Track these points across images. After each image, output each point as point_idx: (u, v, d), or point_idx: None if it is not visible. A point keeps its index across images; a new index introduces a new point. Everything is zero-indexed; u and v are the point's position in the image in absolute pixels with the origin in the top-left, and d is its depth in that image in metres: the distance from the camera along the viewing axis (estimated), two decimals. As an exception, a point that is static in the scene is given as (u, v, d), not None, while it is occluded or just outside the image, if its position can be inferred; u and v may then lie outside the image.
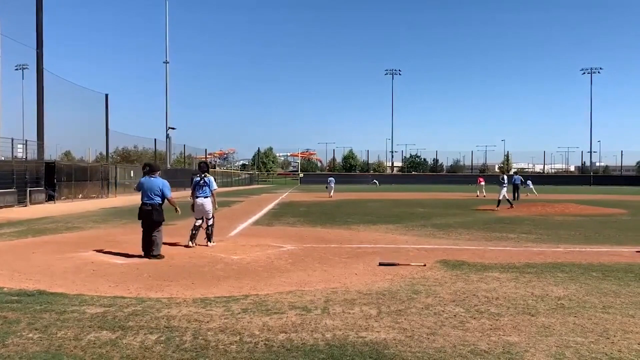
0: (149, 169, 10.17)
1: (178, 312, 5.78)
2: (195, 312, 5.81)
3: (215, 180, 11.73)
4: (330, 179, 38.58)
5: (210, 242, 11.26)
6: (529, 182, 43.66)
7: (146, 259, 9.42)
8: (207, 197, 11.20)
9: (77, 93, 36.75)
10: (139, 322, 5.39)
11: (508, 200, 24.85)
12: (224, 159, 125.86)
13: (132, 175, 43.00)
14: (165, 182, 10.00)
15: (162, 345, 4.65)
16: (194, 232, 11.17)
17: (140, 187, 9.88)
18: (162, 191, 9.77)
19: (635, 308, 6.04)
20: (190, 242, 11.05)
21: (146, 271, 8.32)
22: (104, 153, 41.11)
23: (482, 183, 39.49)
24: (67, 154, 50.13)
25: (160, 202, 9.81)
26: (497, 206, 23.96)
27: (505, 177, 25.88)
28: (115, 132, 41.93)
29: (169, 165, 51.72)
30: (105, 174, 36.60)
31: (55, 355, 4.37)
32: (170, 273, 8.17)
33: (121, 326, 5.22)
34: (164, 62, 51.77)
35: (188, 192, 9.98)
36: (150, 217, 9.63)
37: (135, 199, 11.65)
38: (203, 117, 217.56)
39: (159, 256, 9.50)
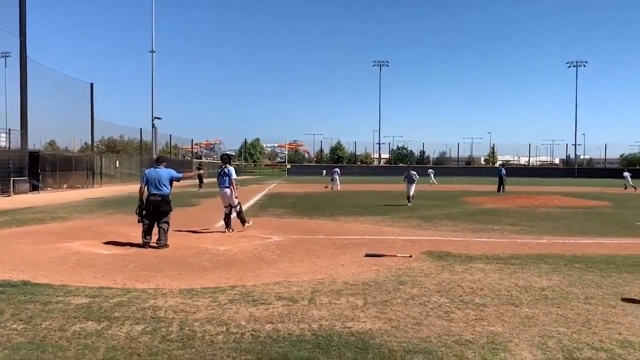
0: (156, 160, 10.66)
1: (164, 303, 5.77)
2: (181, 302, 5.80)
3: (235, 170, 12.51)
4: (334, 169, 36.83)
5: (229, 229, 11.86)
6: (430, 171, 44.68)
7: (134, 249, 9.40)
8: (227, 187, 11.90)
9: (62, 82, 36.29)
10: (125, 312, 5.37)
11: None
12: (211, 149, 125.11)
13: (117, 165, 42.67)
14: (171, 169, 10.34)
15: (148, 336, 4.64)
16: (226, 220, 11.97)
17: (146, 178, 9.97)
18: (172, 178, 10.09)
19: (616, 299, 6.15)
20: (227, 229, 11.83)
21: (132, 262, 8.29)
22: (89, 143, 40.69)
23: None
24: (52, 143, 49.62)
25: (169, 192, 10.00)
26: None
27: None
28: (101, 122, 41.55)
29: (154, 155, 51.33)
30: (90, 163, 36.26)
31: (40, 346, 4.35)
32: (156, 264, 8.14)
33: (107, 317, 5.21)
34: (150, 52, 51.17)
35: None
36: (159, 208, 9.77)
37: (121, 189, 11.56)
38: (190, 107, 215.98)
39: (165, 245, 9.60)
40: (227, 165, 12.00)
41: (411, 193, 21.09)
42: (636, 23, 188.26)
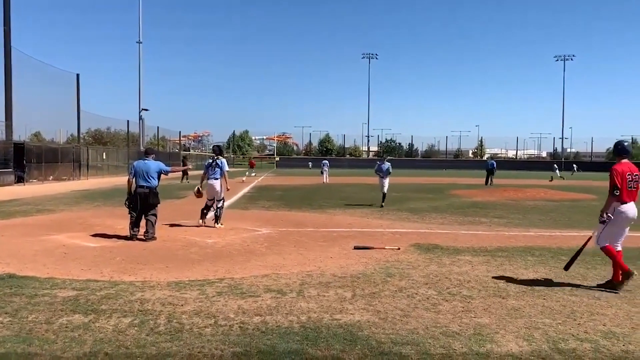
0: (144, 152, 10.49)
1: (152, 296, 5.75)
2: (169, 295, 5.78)
3: (227, 162, 12.19)
4: (324, 162, 36.70)
5: (218, 223, 11.51)
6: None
7: (121, 242, 9.35)
8: (217, 178, 11.57)
9: (47, 72, 35.82)
10: (112, 305, 5.35)
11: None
12: (199, 141, 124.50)
13: (104, 157, 42.30)
14: (160, 162, 10.22)
15: (135, 328, 4.62)
16: (205, 210, 11.71)
17: (134, 171, 9.90)
18: (160, 171, 9.98)
19: (601, 291, 6.23)
20: (200, 220, 11.59)
21: (119, 254, 8.24)
22: (76, 134, 40.25)
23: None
24: (37, 134, 48.96)
25: (157, 184, 9.93)
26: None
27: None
28: (87, 113, 41.10)
29: (142, 148, 50.95)
30: (76, 155, 35.92)
31: (26, 339, 4.32)
32: (144, 256, 8.10)
33: (94, 309, 5.18)
34: (137, 42, 50.70)
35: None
36: (147, 200, 9.73)
37: (108, 181, 11.48)
38: (178, 99, 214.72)
39: (153, 238, 9.56)
40: (220, 157, 11.75)
41: (385, 189, 17.78)
42: (624, 18, 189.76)
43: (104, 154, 43.06)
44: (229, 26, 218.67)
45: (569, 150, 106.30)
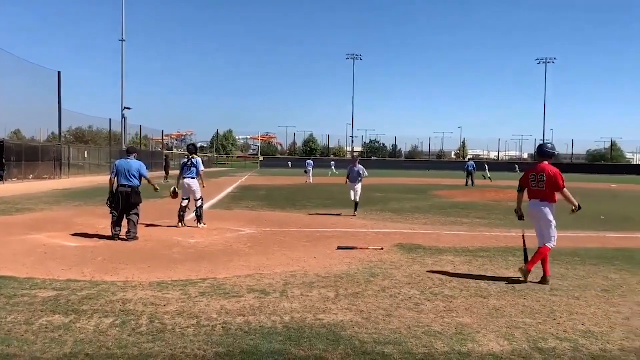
0: (126, 151, 10.39)
1: (134, 296, 5.70)
2: (151, 295, 5.74)
3: (202, 161, 12.05)
4: (307, 161, 36.56)
5: (200, 223, 11.43)
6: (332, 163, 45.34)
7: (103, 241, 9.26)
8: (193, 177, 11.47)
9: (27, 70, 35.24)
10: (93, 305, 5.30)
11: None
12: (182, 140, 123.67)
13: (85, 155, 41.79)
14: (142, 163, 10.09)
15: (117, 328, 4.59)
16: (181, 213, 11.50)
17: (116, 170, 9.82)
18: (140, 172, 9.83)
19: (580, 290, 6.33)
20: (179, 223, 11.37)
21: (101, 254, 8.16)
22: (57, 132, 39.68)
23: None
24: (17, 132, 48.19)
25: (139, 183, 9.83)
26: None
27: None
28: (69, 111, 40.55)
29: (124, 146, 50.47)
30: (57, 154, 35.40)
31: (5, 339, 4.26)
32: (125, 256, 8.03)
33: (74, 310, 5.12)
34: (119, 40, 50.09)
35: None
36: (129, 199, 9.63)
37: (90, 180, 11.36)
38: (161, 98, 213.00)
39: (135, 237, 9.48)
40: (194, 156, 11.66)
41: (357, 197, 14.86)
42: (604, 22, 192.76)
43: (86, 152, 42.53)
44: (212, 25, 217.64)
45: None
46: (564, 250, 9.16)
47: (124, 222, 9.64)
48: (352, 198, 14.86)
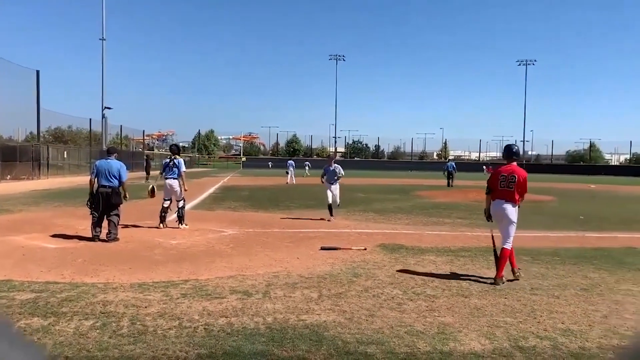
0: (107, 151, 10.25)
1: (115, 298, 5.64)
2: (132, 297, 5.69)
3: (185, 162, 11.99)
4: (289, 162, 36.38)
5: (182, 224, 11.34)
6: (306, 164, 45.58)
7: (83, 243, 9.15)
8: (175, 178, 11.40)
9: (5, 68, 34.63)
10: (73, 307, 5.23)
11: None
12: (163, 140, 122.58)
13: (65, 156, 41.22)
14: (123, 165, 9.98)
15: (97, 331, 4.53)
16: (163, 214, 11.41)
17: (96, 170, 9.70)
18: (120, 173, 9.71)
19: (560, 290, 6.41)
20: (160, 224, 11.25)
21: (81, 256, 8.06)
22: (35, 132, 39.07)
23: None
24: (-6, 132, 47.36)
25: (119, 184, 9.73)
26: None
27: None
28: (48, 111, 39.86)
29: (104, 147, 49.90)
30: (36, 154, 34.83)
31: (-18, 343, 4.17)
32: (106, 258, 7.94)
33: (54, 312, 5.05)
34: (100, 39, 49.53)
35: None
36: (109, 200, 9.53)
37: (70, 180, 11.20)
38: (142, 98, 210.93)
39: (116, 239, 9.38)
40: (177, 157, 11.62)
41: (337, 199, 14.02)
42: (584, 24, 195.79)
43: (65, 152, 41.94)
44: (193, 26, 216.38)
45: (530, 152, 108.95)
46: (545, 250, 9.29)
47: (105, 223, 9.53)
48: (330, 201, 13.78)
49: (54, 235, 9.93)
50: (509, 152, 7.27)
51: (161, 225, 11.25)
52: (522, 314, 5.34)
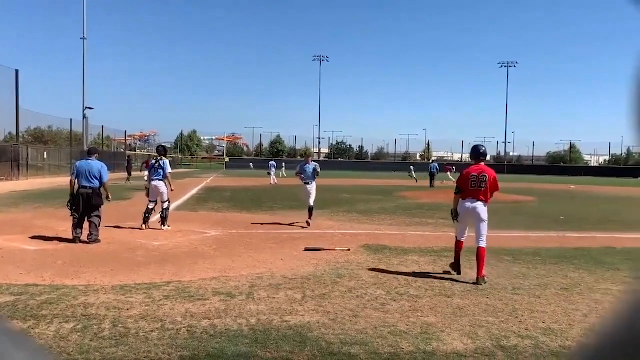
0: (87, 152, 10.12)
1: (96, 300, 5.58)
2: (114, 299, 5.63)
3: (170, 163, 12.02)
4: (270, 163, 36.27)
5: (164, 225, 11.26)
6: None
7: (63, 244, 9.03)
8: (161, 179, 11.41)
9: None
10: (53, 310, 5.15)
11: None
12: (145, 141, 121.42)
13: (45, 156, 40.64)
14: (104, 165, 9.88)
15: (78, 333, 4.47)
16: (146, 215, 11.35)
17: (76, 171, 9.59)
18: (100, 174, 9.61)
19: (541, 289, 6.49)
20: (142, 225, 11.17)
21: (61, 257, 7.95)
22: (14, 132, 38.45)
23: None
24: (-29, 132, 46.52)
25: (100, 185, 9.64)
26: None
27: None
28: (27, 111, 39.32)
29: (85, 147, 49.28)
30: (15, 154, 34.27)
31: (-41, 347, 4.10)
32: (87, 259, 7.84)
33: (33, 315, 4.98)
34: (81, 39, 48.89)
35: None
36: (90, 201, 9.42)
37: (50, 181, 11.05)
38: (123, 98, 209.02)
39: (97, 240, 9.28)
40: (163, 158, 11.63)
41: (311, 201, 12.87)
42: (563, 27, 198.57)
43: (45, 153, 41.32)
44: (174, 25, 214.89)
45: (511, 153, 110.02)
46: (526, 250, 9.39)
47: (85, 224, 9.42)
48: (308, 202, 12.91)
49: (34, 237, 9.78)
50: (477, 152, 7.42)
51: (143, 225, 11.15)
52: (503, 314, 5.40)
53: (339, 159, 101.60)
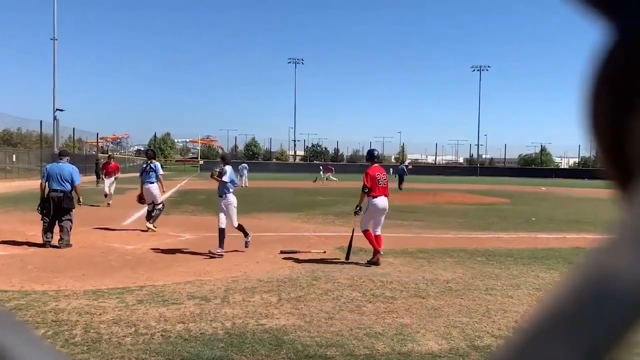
0: (58, 154, 10.14)
1: (67, 305, 5.47)
2: (86, 304, 5.53)
3: (162, 166, 12.47)
4: (242, 165, 36.11)
5: (151, 223, 11.36)
6: (244, 166, 45.31)
7: (33, 249, 8.85)
8: (153, 182, 11.74)
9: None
10: (23, 316, 5.04)
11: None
12: (117, 143, 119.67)
13: (14, 159, 39.74)
14: (75, 168, 9.80)
15: (49, 340, 4.38)
16: (148, 217, 11.55)
17: (47, 174, 9.45)
18: (72, 177, 9.50)
19: (513, 289, 6.59)
20: (149, 225, 11.37)
21: (31, 262, 7.77)
22: (-19, 135, 37.53)
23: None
24: (-64, 134, 45.27)
25: (71, 188, 9.50)
26: None
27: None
28: (-5, 113, 38.45)
29: (56, 150, 48.32)
30: (-18, 157, 33.49)
31: None
32: (58, 264, 7.69)
33: (2, 322, 4.85)
34: (51, 39, 47.95)
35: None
36: (61, 204, 9.27)
37: (18, 185, 10.83)
38: (96, 100, 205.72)
39: (68, 245, 9.12)
40: (153, 161, 12.02)
41: (234, 220, 9.49)
42: (535, 32, 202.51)
43: (14, 156, 40.41)
44: (148, 27, 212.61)
45: (484, 156, 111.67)
46: (499, 251, 9.53)
47: (56, 228, 9.24)
48: (221, 224, 9.34)
49: (2, 242, 9.54)
50: (372, 155, 8.89)
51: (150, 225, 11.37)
52: (477, 314, 5.47)
53: (315, 161, 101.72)
